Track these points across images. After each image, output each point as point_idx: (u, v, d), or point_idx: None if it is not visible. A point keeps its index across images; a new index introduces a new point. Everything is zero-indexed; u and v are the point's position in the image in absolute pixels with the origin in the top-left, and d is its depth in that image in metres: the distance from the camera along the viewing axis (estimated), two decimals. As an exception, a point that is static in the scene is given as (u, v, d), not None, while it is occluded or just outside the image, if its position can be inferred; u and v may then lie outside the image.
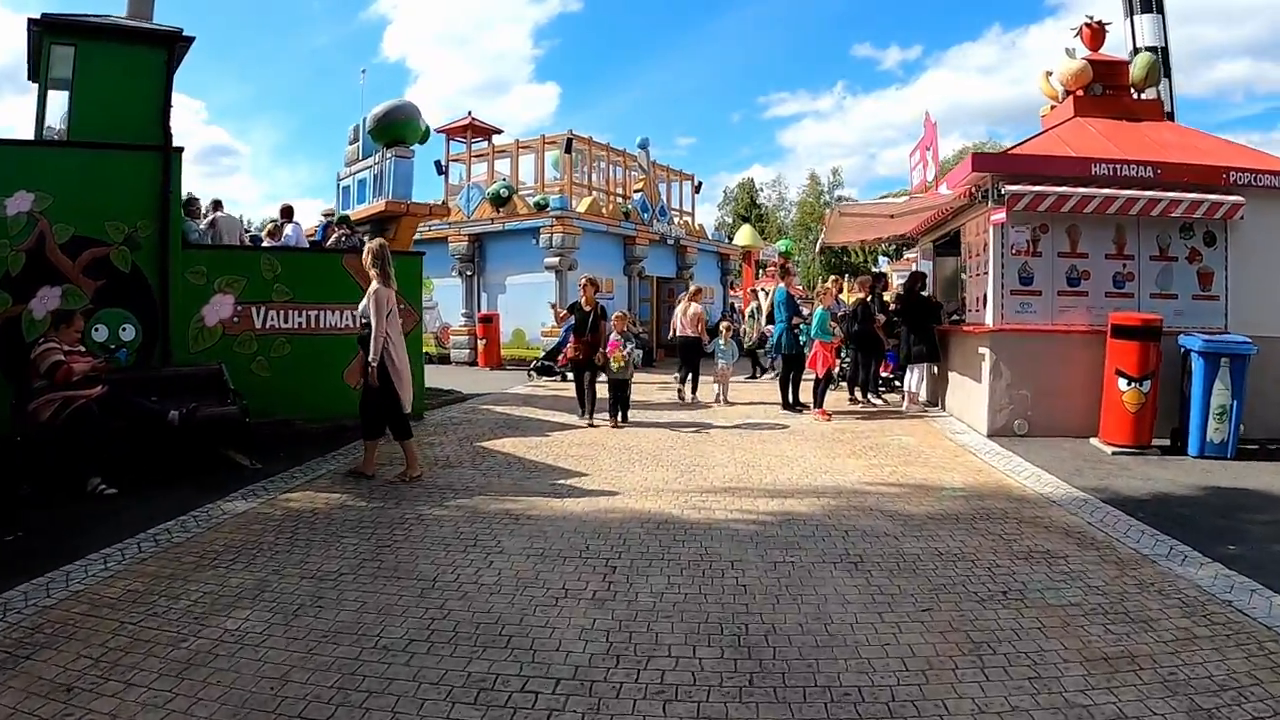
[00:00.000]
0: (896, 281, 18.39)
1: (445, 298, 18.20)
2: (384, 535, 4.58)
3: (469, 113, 18.83)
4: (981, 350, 7.51)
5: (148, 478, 5.68)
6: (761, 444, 7.36)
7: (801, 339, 9.41)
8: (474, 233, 17.26)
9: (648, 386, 12.18)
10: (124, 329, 6.91)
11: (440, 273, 17.87)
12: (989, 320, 7.41)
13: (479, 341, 16.68)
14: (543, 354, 14.63)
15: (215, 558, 4.16)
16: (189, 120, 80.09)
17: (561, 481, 5.91)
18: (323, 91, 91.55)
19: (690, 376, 10.49)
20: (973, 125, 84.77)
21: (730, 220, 47.53)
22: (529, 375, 14.18)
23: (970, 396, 7.93)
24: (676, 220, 20.06)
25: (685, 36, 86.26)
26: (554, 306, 10.73)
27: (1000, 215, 6.94)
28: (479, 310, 17.26)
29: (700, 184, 22.11)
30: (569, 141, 17.19)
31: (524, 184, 18.14)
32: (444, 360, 17.88)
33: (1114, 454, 6.69)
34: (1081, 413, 7.17)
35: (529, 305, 16.17)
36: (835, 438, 7.65)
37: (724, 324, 11.41)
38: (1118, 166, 7.20)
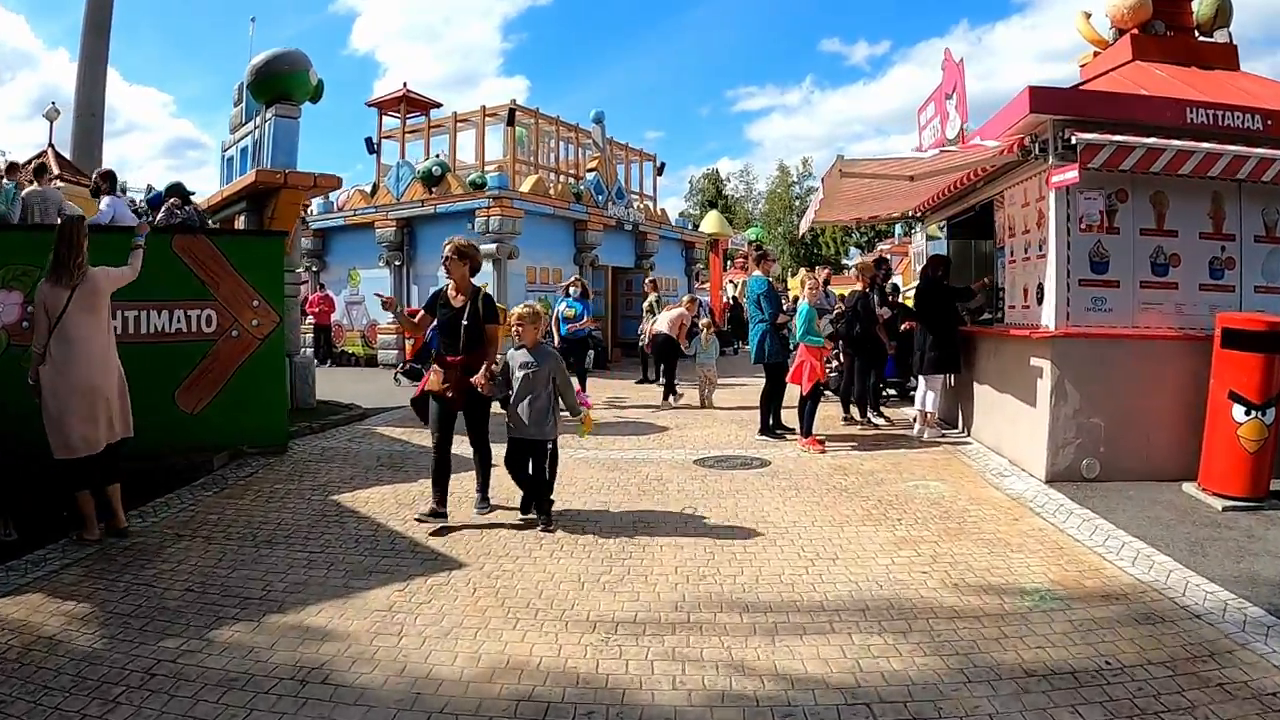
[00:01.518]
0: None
1: (373, 291, 15.91)
2: (53, 727, 2.49)
3: (404, 84, 16.49)
4: (1037, 363, 5.47)
5: None
6: (734, 498, 5.21)
7: (791, 343, 7.37)
8: (403, 216, 15.03)
9: (594, 396, 10.10)
10: None
11: (367, 263, 15.78)
12: (1049, 321, 5.36)
13: (408, 341, 14.38)
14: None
15: None
16: (158, 113, 77.73)
17: (414, 583, 3.71)
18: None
19: (665, 379, 9.92)
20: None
21: (696, 210, 45.29)
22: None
23: (1017, 425, 5.89)
24: (636, 204, 17.79)
25: (654, 30, 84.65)
26: (387, 301, 4.96)
27: (1070, 174, 4.89)
28: (408, 306, 14.93)
29: (663, 165, 19.80)
30: (511, 113, 14.93)
31: (465, 163, 15.88)
32: (371, 363, 15.73)
33: (1225, 509, 4.76)
34: (1168, 448, 5.28)
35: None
36: (837, 484, 5.56)
37: (703, 322, 10.05)
38: (1219, 113, 5.24)
